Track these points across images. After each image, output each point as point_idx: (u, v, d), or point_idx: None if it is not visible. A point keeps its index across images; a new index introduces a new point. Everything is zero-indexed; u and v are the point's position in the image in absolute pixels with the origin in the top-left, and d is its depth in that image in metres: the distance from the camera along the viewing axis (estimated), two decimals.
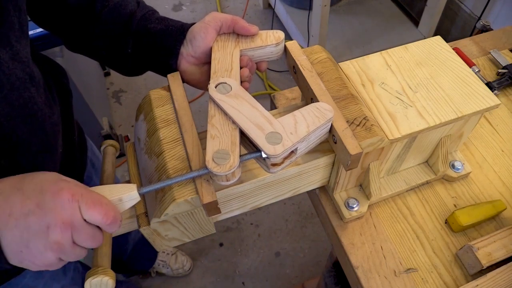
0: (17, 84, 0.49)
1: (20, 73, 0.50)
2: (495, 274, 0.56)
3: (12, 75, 0.48)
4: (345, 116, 0.52)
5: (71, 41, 0.64)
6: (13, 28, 0.48)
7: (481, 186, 0.68)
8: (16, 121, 0.49)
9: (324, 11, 1.67)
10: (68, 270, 0.80)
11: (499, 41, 0.90)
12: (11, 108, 0.48)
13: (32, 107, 0.52)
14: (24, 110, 0.50)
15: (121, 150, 0.60)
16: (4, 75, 0.47)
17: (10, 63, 0.48)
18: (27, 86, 0.51)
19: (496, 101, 0.57)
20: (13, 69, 0.48)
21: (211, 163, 0.44)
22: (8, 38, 0.48)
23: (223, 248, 1.60)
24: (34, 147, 0.53)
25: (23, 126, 0.50)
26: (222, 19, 0.57)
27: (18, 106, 0.49)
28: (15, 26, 0.49)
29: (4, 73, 0.47)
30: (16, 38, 0.49)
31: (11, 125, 0.49)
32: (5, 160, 0.50)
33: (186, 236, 0.56)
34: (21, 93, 0.50)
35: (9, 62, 0.48)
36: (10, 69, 0.48)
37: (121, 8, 0.59)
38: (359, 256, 0.60)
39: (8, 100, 0.48)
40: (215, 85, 0.51)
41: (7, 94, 0.47)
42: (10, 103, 0.48)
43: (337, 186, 0.62)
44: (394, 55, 0.62)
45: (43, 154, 0.55)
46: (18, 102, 0.49)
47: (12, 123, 0.49)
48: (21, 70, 0.50)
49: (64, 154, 0.63)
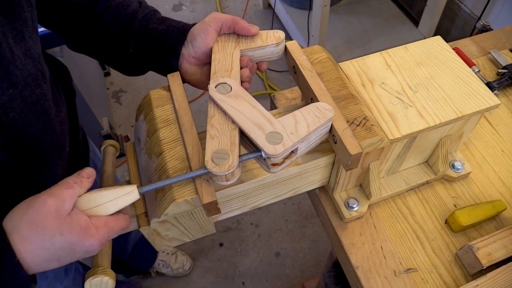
0: (30, 80, 0.49)
1: (32, 69, 0.50)
2: (495, 274, 0.56)
3: (26, 71, 0.48)
4: (345, 116, 0.52)
5: (73, 40, 0.64)
6: (27, 24, 0.49)
7: (481, 186, 0.68)
8: (30, 118, 0.49)
9: (324, 11, 1.67)
10: (70, 271, 0.80)
11: (499, 41, 0.90)
12: (25, 104, 0.48)
13: (43, 104, 0.52)
14: (37, 107, 0.50)
15: (121, 150, 0.60)
16: (18, 71, 0.47)
17: (23, 58, 0.48)
18: (39, 83, 0.51)
19: (496, 101, 0.57)
20: (26, 65, 0.48)
21: (210, 163, 0.44)
22: (22, 34, 0.48)
23: (223, 248, 1.60)
24: (45, 146, 0.53)
25: (36, 123, 0.50)
26: (222, 20, 0.57)
27: (31, 103, 0.49)
28: (28, 22, 0.49)
29: (18, 68, 0.47)
30: (29, 34, 0.49)
31: (24, 122, 0.49)
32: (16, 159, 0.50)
33: (186, 236, 0.56)
34: (34, 90, 0.50)
35: (22, 58, 0.48)
36: (23, 65, 0.48)
37: (123, 8, 0.60)
38: (359, 256, 0.60)
39: (23, 97, 0.48)
40: (215, 85, 0.51)
41: (21, 90, 0.47)
42: (24, 100, 0.48)
43: (337, 186, 0.62)
44: (394, 55, 0.62)
45: (52, 152, 0.55)
46: (31, 99, 0.49)
47: (26, 120, 0.49)
48: (33, 66, 0.50)
49: (70, 154, 0.63)
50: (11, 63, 0.46)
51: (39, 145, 0.52)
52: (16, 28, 0.47)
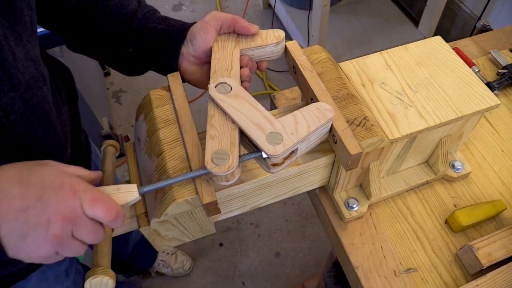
0: (31, 83, 0.49)
1: (34, 72, 0.50)
2: (495, 274, 0.56)
3: (27, 74, 0.48)
4: (345, 116, 0.52)
5: (73, 40, 0.64)
6: (26, 27, 0.49)
7: (481, 186, 0.68)
8: (31, 120, 0.49)
9: (324, 11, 1.67)
10: (71, 272, 0.80)
11: (499, 41, 0.90)
12: (26, 107, 0.48)
13: (44, 106, 0.52)
14: (38, 109, 0.50)
15: (121, 150, 0.60)
16: (20, 74, 0.47)
17: (24, 61, 0.48)
18: (40, 85, 0.51)
19: (496, 101, 0.57)
20: (27, 68, 0.48)
21: (210, 164, 0.44)
22: (21, 37, 0.48)
23: (223, 248, 1.60)
24: (47, 148, 0.53)
25: (37, 126, 0.50)
26: (222, 19, 0.57)
27: (32, 105, 0.49)
28: (27, 25, 0.49)
29: (20, 71, 0.47)
30: (27, 38, 0.49)
31: (25, 125, 0.49)
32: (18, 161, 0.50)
33: (186, 236, 0.56)
34: (35, 92, 0.50)
35: (24, 61, 0.48)
36: (25, 68, 0.48)
37: (122, 7, 0.60)
38: (359, 256, 0.60)
39: (23, 99, 0.48)
40: (215, 85, 0.51)
41: (22, 93, 0.48)
42: (25, 102, 0.48)
43: (337, 186, 0.62)
44: (394, 55, 0.62)
45: (54, 154, 0.55)
46: (32, 101, 0.49)
47: (26, 122, 0.49)
48: (34, 69, 0.50)
49: (72, 156, 0.63)
50: (12, 66, 0.46)
51: (40, 147, 0.52)
52: (16, 31, 0.47)
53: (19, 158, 0.50)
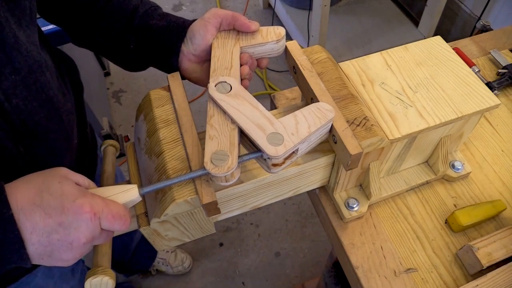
0: (35, 67, 0.49)
1: (37, 56, 0.49)
2: (495, 274, 0.56)
3: (30, 57, 0.48)
4: (345, 116, 0.52)
5: (76, 35, 0.65)
6: (25, 13, 0.49)
7: (481, 186, 0.68)
8: (34, 105, 0.49)
9: (324, 11, 1.67)
10: (76, 271, 0.80)
11: (499, 41, 0.90)
12: (28, 91, 0.48)
13: (48, 92, 0.51)
14: (41, 94, 0.50)
15: (121, 150, 0.61)
16: (22, 57, 0.47)
17: (27, 45, 0.48)
18: (43, 70, 0.51)
19: (496, 101, 0.57)
20: (30, 51, 0.48)
21: (209, 165, 0.44)
22: (21, 22, 0.48)
23: (223, 248, 1.60)
24: (51, 134, 0.53)
25: (40, 111, 0.50)
26: (222, 16, 0.57)
27: (35, 90, 0.49)
28: (26, 11, 0.49)
29: (21, 54, 0.47)
30: (26, 23, 0.49)
31: (28, 109, 0.48)
32: (23, 147, 0.50)
33: (186, 236, 0.56)
34: (38, 77, 0.49)
35: (27, 44, 0.48)
36: (28, 51, 0.48)
37: (124, 3, 0.60)
38: (359, 256, 0.60)
39: (26, 83, 0.48)
40: (215, 84, 0.51)
41: (24, 77, 0.47)
42: (27, 87, 0.48)
43: (337, 186, 0.62)
44: (394, 55, 0.62)
45: (60, 142, 0.55)
46: (35, 86, 0.49)
47: (29, 107, 0.48)
48: (37, 53, 0.50)
49: (78, 147, 0.63)
50: (14, 48, 0.45)
51: (45, 134, 0.52)
52: (16, 15, 0.47)
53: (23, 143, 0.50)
